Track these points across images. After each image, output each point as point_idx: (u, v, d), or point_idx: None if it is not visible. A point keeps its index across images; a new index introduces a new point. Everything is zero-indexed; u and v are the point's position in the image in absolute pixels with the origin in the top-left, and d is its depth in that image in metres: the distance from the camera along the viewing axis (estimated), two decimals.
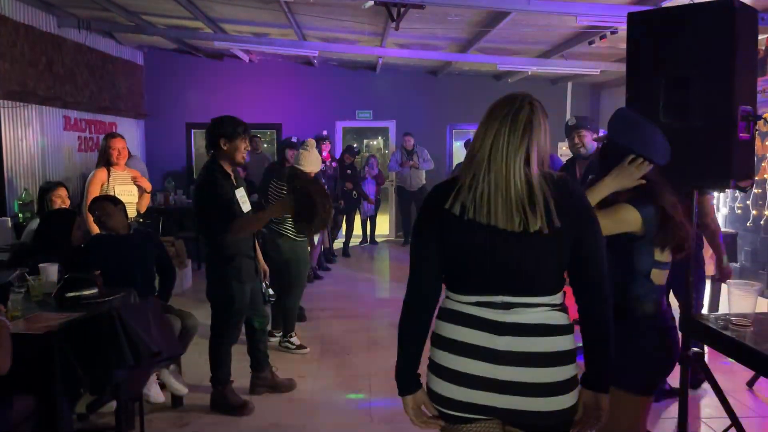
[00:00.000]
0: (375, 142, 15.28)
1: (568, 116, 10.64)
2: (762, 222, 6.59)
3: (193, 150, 10.61)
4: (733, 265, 6.80)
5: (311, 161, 4.72)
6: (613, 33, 6.06)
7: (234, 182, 3.68)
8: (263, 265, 4.01)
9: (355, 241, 9.73)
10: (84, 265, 3.37)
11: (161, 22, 7.81)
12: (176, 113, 10.17)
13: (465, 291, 1.66)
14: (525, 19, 6.05)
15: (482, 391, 1.60)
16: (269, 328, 4.60)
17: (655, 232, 2.10)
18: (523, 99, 1.65)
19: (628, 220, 2.10)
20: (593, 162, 3.98)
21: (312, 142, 4.86)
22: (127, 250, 3.71)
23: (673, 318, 2.21)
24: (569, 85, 10.54)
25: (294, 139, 6.48)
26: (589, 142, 4.24)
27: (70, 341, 2.58)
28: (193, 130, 10.47)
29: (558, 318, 1.63)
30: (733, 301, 2.06)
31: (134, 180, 4.79)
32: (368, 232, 10.17)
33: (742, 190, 2.60)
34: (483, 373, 1.60)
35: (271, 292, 4.00)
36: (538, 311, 1.61)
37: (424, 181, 9.74)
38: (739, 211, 7.00)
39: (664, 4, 4.95)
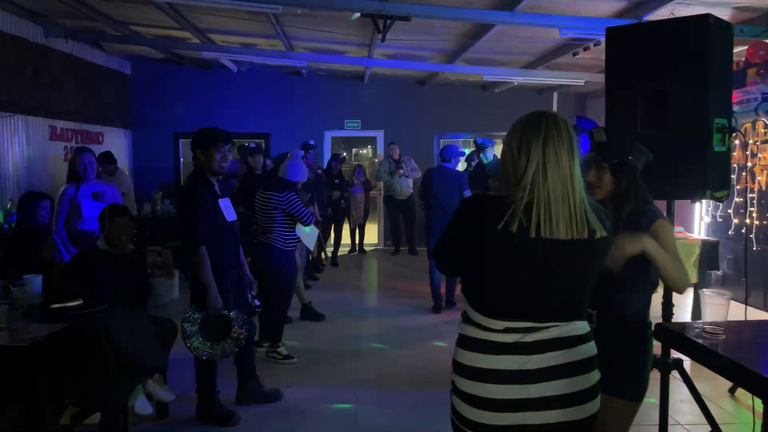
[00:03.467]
0: (364, 151, 15.33)
1: None
2: (743, 230, 6.69)
3: (181, 160, 10.60)
4: (715, 273, 6.90)
5: (297, 171, 4.74)
6: (596, 45, 6.16)
7: (219, 192, 3.69)
8: (249, 276, 4.01)
9: (343, 250, 9.74)
10: (74, 277, 3.37)
11: (149, 32, 7.84)
12: (164, 123, 10.16)
13: (497, 315, 1.64)
14: (510, 31, 6.14)
15: (517, 413, 1.60)
16: (257, 338, 4.60)
17: None
18: (549, 113, 1.70)
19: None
20: None
21: (297, 152, 4.89)
22: (115, 269, 3.71)
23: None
24: (555, 95, 10.67)
25: (253, 145, 6.48)
26: None
27: (55, 353, 2.58)
28: (181, 140, 10.46)
29: (582, 327, 1.68)
30: (706, 309, 2.11)
31: (95, 196, 4.81)
32: (357, 241, 10.19)
33: (719, 200, 2.66)
34: (515, 396, 1.61)
35: (257, 302, 4.00)
36: (563, 326, 1.64)
37: (411, 190, 9.79)
38: (721, 220, 7.10)
39: (645, 18, 5.05)
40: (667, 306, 2.74)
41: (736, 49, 5.45)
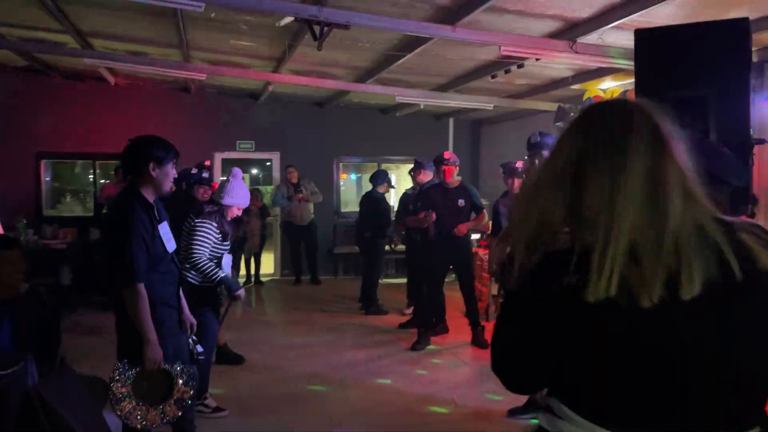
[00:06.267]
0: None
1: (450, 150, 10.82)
2: None
3: (43, 184, 9.24)
4: None
5: (241, 195, 4.11)
6: (519, 67, 6.14)
7: (157, 216, 3.01)
8: (189, 317, 3.31)
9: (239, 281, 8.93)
10: None
11: (14, 33, 6.70)
12: (23, 141, 8.78)
13: (598, 420, 1.11)
14: (435, 49, 5.93)
15: None
16: None
17: None
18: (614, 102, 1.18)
19: None
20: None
21: (237, 171, 4.25)
22: (12, 319, 2.87)
23: None
24: (451, 120, 10.75)
25: (205, 174, 5.51)
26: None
27: None
28: (43, 161, 9.14)
29: None
30: None
31: None
32: (252, 272, 9.43)
33: (752, 215, 2.52)
34: None
35: (199, 349, 3.31)
36: None
37: (312, 215, 9.25)
38: None
39: (580, 40, 5.07)
40: None
41: None
